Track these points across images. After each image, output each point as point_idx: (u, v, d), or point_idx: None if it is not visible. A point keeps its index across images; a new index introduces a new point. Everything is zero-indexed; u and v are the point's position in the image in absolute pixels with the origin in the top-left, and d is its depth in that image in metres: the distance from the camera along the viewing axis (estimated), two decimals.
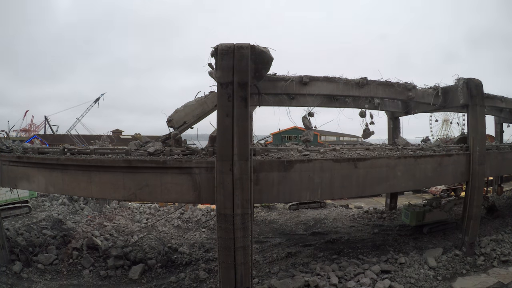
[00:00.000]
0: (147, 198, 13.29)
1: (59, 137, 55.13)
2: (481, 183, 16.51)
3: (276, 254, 16.35)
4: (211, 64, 11.62)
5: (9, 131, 48.77)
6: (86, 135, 48.99)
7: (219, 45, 10.06)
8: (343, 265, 13.95)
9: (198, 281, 13.37)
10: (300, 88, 14.11)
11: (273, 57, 10.93)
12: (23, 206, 21.28)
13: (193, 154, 11.40)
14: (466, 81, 15.46)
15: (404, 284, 12.58)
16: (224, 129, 9.96)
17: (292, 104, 16.23)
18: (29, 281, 13.37)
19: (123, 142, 31.33)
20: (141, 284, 13.64)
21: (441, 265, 14.34)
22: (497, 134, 29.49)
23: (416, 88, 15.75)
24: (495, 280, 13.32)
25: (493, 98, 18.69)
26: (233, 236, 10.06)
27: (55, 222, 19.21)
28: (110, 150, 12.27)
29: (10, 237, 15.99)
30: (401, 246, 16.90)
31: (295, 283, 12.19)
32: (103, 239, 17.41)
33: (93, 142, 14.94)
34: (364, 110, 17.28)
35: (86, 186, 11.76)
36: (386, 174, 13.18)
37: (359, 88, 14.49)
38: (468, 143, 16.09)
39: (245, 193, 10.05)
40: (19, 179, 13.32)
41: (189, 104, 13.73)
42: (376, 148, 14.23)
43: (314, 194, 12.21)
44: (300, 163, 11.44)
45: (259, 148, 12.19)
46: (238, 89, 9.85)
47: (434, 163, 14.69)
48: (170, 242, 18.09)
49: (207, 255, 16.36)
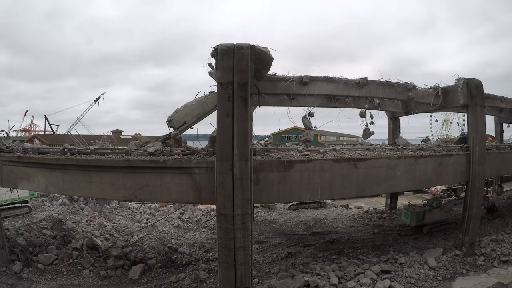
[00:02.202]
0: (147, 198, 13.29)
1: (59, 137, 55.13)
2: (481, 183, 16.51)
3: (276, 254, 16.35)
4: (211, 64, 11.62)
5: (9, 131, 48.67)
6: (86, 135, 48.96)
7: (219, 45, 10.06)
8: (343, 265, 13.94)
9: (198, 281, 13.36)
10: (300, 88, 14.09)
11: (273, 57, 10.93)
12: (23, 206, 21.27)
13: (193, 154, 11.40)
14: (466, 81, 15.46)
15: (404, 284, 12.57)
16: (224, 129, 9.96)
17: (292, 104, 16.22)
18: (29, 281, 13.37)
19: (123, 142, 31.34)
20: (141, 284, 13.64)
21: (441, 265, 14.33)
22: (497, 134, 29.48)
23: (416, 88, 15.73)
24: (495, 280, 13.30)
25: (493, 98, 18.67)
26: (233, 236, 10.06)
27: (55, 222, 19.20)
28: (110, 150, 12.28)
29: (10, 237, 16.00)
30: (401, 246, 16.90)
31: (295, 283, 12.19)
32: (103, 239, 17.41)
33: (93, 142, 14.94)
34: (364, 110, 17.26)
35: (86, 186, 11.76)
36: (386, 174, 13.18)
37: (359, 88, 14.47)
38: (468, 143, 16.09)
39: (245, 193, 10.06)
40: (19, 179, 13.32)
41: (189, 104, 13.73)
42: (376, 148, 14.23)
43: (314, 194, 12.22)
44: (300, 163, 11.43)
45: (259, 148, 12.19)
46: (238, 89, 9.86)
47: (434, 163, 14.69)
48: (170, 242, 18.09)
49: (207, 255, 16.37)
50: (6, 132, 16.84)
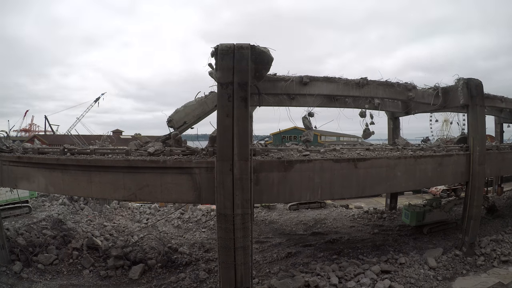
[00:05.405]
0: (147, 198, 13.28)
1: (59, 137, 55.13)
2: (481, 183, 16.51)
3: (276, 254, 16.36)
4: (211, 64, 11.61)
5: (9, 131, 48.61)
6: (86, 135, 48.99)
7: (219, 45, 10.05)
8: (343, 265, 13.96)
9: (198, 281, 13.37)
10: (300, 88, 14.08)
11: (273, 57, 10.91)
12: (23, 206, 21.27)
13: (193, 154, 11.39)
14: (466, 81, 15.47)
15: (404, 284, 12.58)
16: (224, 129, 9.95)
17: (292, 104, 16.21)
18: (29, 281, 13.38)
19: (123, 142, 31.39)
20: (141, 284, 13.65)
21: (441, 265, 14.34)
22: (497, 134, 29.51)
23: (416, 88, 15.74)
24: (495, 280, 13.31)
25: (493, 98, 18.68)
26: (233, 236, 10.06)
27: (55, 222, 19.21)
28: (110, 150, 12.28)
29: (10, 237, 16.00)
30: (401, 246, 16.90)
31: (295, 283, 12.20)
32: (103, 239, 17.43)
33: (93, 142, 14.95)
34: (364, 110, 17.27)
35: (86, 186, 11.75)
36: (386, 174, 13.18)
37: (359, 88, 14.47)
38: (468, 143, 16.10)
39: (245, 193, 10.05)
40: (19, 179, 13.33)
41: (189, 104, 13.74)
42: (376, 148, 14.23)
43: (314, 194, 12.21)
44: (300, 163, 11.43)
45: (259, 148, 12.18)
46: (238, 89, 9.85)
47: (434, 163, 14.69)
48: (170, 242, 18.10)
49: (207, 255, 16.37)
50: (6, 132, 16.84)
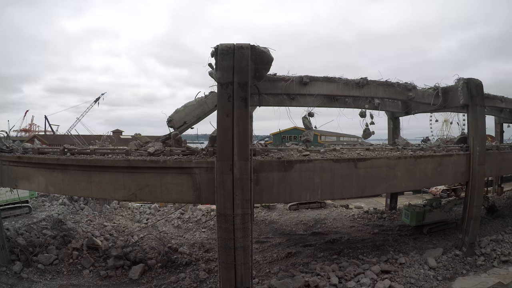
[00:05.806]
0: (147, 198, 13.29)
1: (59, 137, 55.12)
2: (481, 183, 16.51)
3: (276, 254, 16.36)
4: (211, 64, 11.62)
5: (9, 131, 48.64)
6: (86, 135, 48.99)
7: (219, 45, 10.05)
8: (343, 265, 13.95)
9: (198, 281, 13.37)
10: (300, 88, 14.08)
11: (273, 57, 10.91)
12: (23, 206, 21.28)
13: (193, 154, 11.40)
14: (466, 81, 15.47)
15: (404, 284, 12.58)
16: (224, 129, 9.95)
17: (292, 104, 16.21)
18: (29, 281, 13.38)
19: (123, 142, 31.39)
20: (141, 284, 13.65)
21: (441, 265, 14.34)
22: (497, 134, 29.50)
23: (416, 88, 15.74)
24: (495, 280, 13.31)
25: (493, 98, 18.68)
26: (233, 236, 10.06)
27: (55, 222, 19.22)
28: (110, 150, 12.27)
29: (10, 237, 16.00)
30: (401, 246, 16.90)
31: (295, 283, 12.20)
32: (103, 239, 17.42)
33: (93, 142, 14.94)
34: (364, 110, 17.26)
35: (86, 186, 11.76)
36: (386, 174, 13.17)
37: (359, 88, 14.47)
38: (468, 143, 16.10)
39: (245, 193, 10.05)
40: (19, 179, 13.33)
41: (189, 104, 13.74)
42: (376, 148, 14.23)
43: (314, 194, 12.21)
44: (300, 163, 11.43)
45: (259, 148, 12.18)
46: (238, 89, 9.85)
47: (434, 163, 14.69)
48: (170, 242, 18.10)
49: (207, 255, 16.37)
50: (6, 132, 16.85)
